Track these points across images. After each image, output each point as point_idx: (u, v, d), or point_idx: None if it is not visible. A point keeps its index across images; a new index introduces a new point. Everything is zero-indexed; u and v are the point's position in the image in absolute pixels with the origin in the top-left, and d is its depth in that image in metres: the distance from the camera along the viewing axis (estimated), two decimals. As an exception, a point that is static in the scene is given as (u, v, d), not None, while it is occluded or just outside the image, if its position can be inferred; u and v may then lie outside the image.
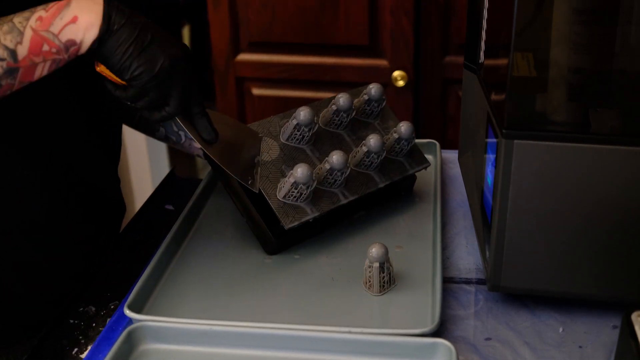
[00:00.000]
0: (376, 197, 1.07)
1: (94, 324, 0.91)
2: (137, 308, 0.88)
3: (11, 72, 0.78)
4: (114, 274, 1.01)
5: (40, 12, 0.79)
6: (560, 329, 0.86)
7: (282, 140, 1.02)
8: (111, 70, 0.82)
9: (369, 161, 1.03)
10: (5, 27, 0.78)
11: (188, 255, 1.01)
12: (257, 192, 0.96)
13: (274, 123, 1.04)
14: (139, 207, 1.21)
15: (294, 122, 1.01)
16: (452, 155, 1.28)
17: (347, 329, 0.82)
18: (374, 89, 1.10)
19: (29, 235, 0.98)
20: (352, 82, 1.91)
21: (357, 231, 1.05)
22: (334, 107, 1.05)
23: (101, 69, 0.83)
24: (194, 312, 0.89)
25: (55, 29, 0.79)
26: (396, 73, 1.87)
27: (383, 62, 1.88)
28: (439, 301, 0.85)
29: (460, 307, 0.91)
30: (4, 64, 0.78)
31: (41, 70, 0.80)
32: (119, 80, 0.83)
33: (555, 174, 0.80)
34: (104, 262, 1.05)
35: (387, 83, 1.88)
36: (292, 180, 0.95)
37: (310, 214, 0.97)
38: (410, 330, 0.81)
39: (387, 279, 0.90)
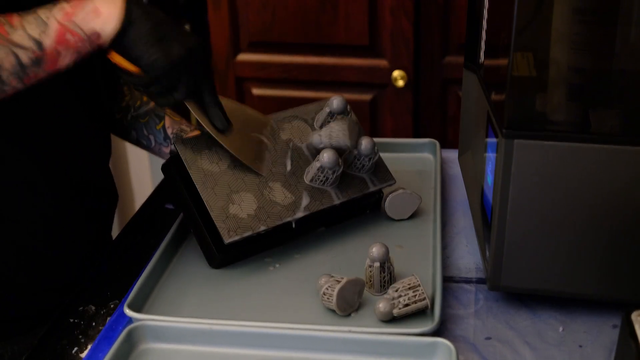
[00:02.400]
0: (335, 214, 1.03)
1: (94, 323, 0.91)
2: (137, 307, 0.88)
3: (37, 61, 0.82)
4: (114, 273, 1.01)
5: (63, 4, 0.83)
6: (560, 329, 0.86)
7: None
8: (128, 59, 0.85)
9: (323, 177, 0.99)
10: (30, 18, 0.82)
11: (188, 254, 1.01)
12: (263, 174, 0.97)
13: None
14: (139, 207, 1.21)
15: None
16: (452, 155, 1.28)
17: (347, 329, 0.82)
18: (335, 101, 1.05)
19: (31, 225, 0.99)
20: (352, 82, 1.92)
21: (357, 230, 1.05)
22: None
23: (114, 56, 0.87)
24: (194, 311, 0.89)
25: (78, 20, 0.83)
26: (396, 73, 1.87)
27: (383, 62, 1.88)
28: (439, 301, 0.85)
29: (460, 307, 0.91)
30: (30, 53, 0.81)
31: (65, 60, 0.84)
32: (132, 67, 0.86)
33: (555, 174, 0.80)
34: (104, 261, 1.05)
35: (387, 83, 1.89)
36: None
37: (253, 229, 0.94)
38: (410, 330, 0.81)
39: (388, 278, 0.90)
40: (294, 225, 0.97)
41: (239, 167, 0.97)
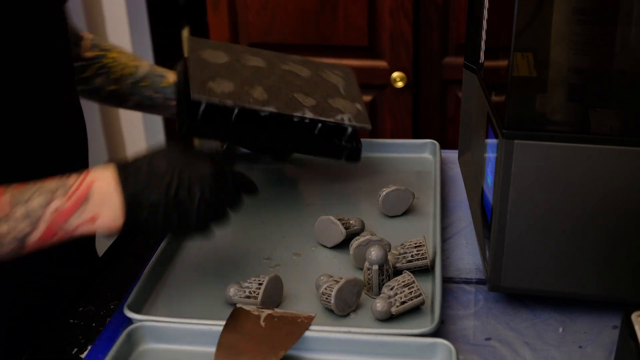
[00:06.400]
0: (307, 136, 1.07)
1: (94, 324, 0.91)
2: (137, 308, 0.88)
3: (15, 253, 0.78)
4: (114, 274, 1.01)
5: (60, 200, 0.77)
6: (560, 329, 0.86)
7: None
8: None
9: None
10: (20, 213, 0.76)
11: (188, 255, 1.01)
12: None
13: None
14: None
15: None
16: (452, 155, 1.28)
17: (347, 329, 0.82)
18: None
19: None
20: (351, 83, 1.92)
21: (357, 231, 1.05)
22: None
23: None
24: (194, 312, 0.89)
25: (70, 226, 0.77)
26: (395, 74, 1.87)
27: (382, 63, 1.88)
28: (438, 301, 0.85)
29: (460, 307, 0.91)
30: (10, 250, 0.77)
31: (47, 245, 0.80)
32: None
33: (555, 174, 0.80)
34: (104, 262, 1.05)
35: (387, 84, 1.89)
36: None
37: (221, 98, 0.99)
38: (410, 330, 0.81)
39: (387, 281, 0.90)
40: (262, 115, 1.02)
41: (234, 64, 1.08)
